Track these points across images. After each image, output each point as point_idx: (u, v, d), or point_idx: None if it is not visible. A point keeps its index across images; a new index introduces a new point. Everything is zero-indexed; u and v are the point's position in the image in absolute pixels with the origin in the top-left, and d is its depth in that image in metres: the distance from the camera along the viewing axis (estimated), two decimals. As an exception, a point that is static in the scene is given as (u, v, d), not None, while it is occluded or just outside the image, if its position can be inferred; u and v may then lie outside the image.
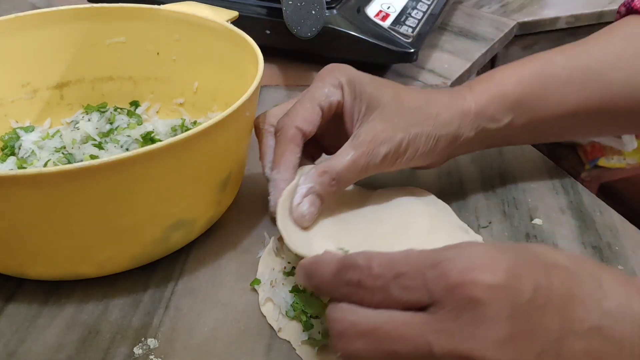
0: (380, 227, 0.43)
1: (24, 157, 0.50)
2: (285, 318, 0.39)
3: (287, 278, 0.41)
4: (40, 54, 0.53)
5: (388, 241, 0.42)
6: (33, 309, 0.40)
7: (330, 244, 0.41)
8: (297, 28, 0.57)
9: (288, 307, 0.39)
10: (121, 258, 0.41)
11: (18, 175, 0.34)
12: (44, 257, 0.40)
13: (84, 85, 0.56)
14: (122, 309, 0.40)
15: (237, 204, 0.49)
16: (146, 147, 0.36)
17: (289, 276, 0.41)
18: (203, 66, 0.53)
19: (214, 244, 0.45)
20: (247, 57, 0.47)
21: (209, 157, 0.40)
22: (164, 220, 0.40)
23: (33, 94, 0.54)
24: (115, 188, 0.37)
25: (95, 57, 0.55)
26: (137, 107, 0.57)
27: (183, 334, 0.38)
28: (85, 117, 0.55)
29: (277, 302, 0.40)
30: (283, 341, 0.38)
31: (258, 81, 0.43)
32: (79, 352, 0.37)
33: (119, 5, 0.54)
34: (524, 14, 0.85)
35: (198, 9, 0.53)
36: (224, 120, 0.39)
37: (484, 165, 0.54)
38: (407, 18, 0.70)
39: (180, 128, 0.53)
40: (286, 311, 0.39)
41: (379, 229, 0.43)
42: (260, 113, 0.46)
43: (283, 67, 0.70)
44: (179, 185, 0.40)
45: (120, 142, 0.52)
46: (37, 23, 0.52)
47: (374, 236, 0.43)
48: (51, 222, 0.37)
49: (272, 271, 0.42)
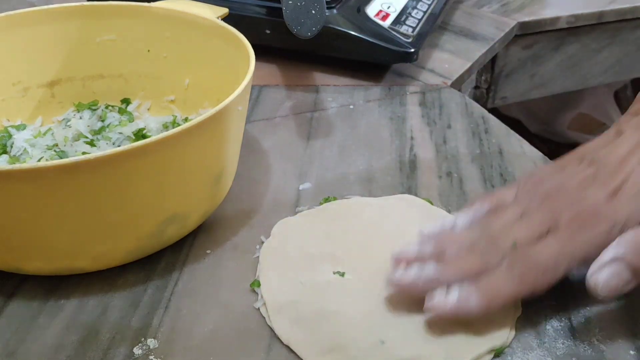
0: (376, 239, 0.44)
1: (16, 155, 0.50)
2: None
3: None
4: (31, 52, 0.53)
5: (385, 252, 0.42)
6: (32, 309, 0.40)
7: (326, 266, 0.41)
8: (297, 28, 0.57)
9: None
10: (116, 252, 0.41)
11: (13, 170, 0.34)
12: (39, 252, 0.40)
13: (74, 83, 0.56)
14: (122, 309, 0.40)
15: (235, 203, 0.49)
16: (140, 142, 0.36)
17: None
18: (194, 63, 0.54)
19: (213, 244, 0.45)
20: (238, 54, 0.47)
21: (202, 151, 0.41)
22: (158, 214, 0.40)
23: (24, 93, 0.54)
24: (109, 183, 0.37)
25: (85, 55, 0.55)
26: (129, 105, 0.57)
27: (183, 335, 0.38)
28: (77, 115, 0.55)
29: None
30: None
31: (250, 76, 0.43)
32: (79, 353, 0.37)
33: (109, 3, 0.54)
34: (524, 13, 0.85)
35: (188, 6, 0.53)
36: (216, 115, 0.39)
37: (484, 165, 0.54)
38: (408, 18, 0.70)
39: (171, 125, 0.54)
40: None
41: (375, 240, 0.44)
42: None
43: (283, 67, 0.70)
44: (173, 179, 0.40)
45: (112, 139, 0.52)
46: (27, 21, 0.52)
47: (371, 248, 0.43)
48: (46, 217, 0.37)
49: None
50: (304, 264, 0.42)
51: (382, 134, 0.58)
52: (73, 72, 0.56)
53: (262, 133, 0.58)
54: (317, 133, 0.58)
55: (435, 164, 0.54)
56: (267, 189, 0.51)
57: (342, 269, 0.41)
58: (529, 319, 0.39)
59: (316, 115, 0.61)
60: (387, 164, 0.54)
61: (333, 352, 0.37)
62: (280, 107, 0.62)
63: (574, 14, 0.86)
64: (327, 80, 0.67)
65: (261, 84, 0.66)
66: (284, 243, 0.44)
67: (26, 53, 0.53)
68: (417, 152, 0.56)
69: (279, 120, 0.60)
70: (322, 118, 0.61)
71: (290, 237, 0.45)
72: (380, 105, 0.63)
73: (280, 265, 0.42)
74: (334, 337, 0.37)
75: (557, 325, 0.39)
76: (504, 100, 0.90)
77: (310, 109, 0.62)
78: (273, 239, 0.45)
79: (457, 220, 0.41)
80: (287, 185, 0.51)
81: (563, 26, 0.86)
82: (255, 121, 0.60)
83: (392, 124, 0.60)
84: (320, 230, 0.45)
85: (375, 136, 0.58)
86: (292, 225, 0.46)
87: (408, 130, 0.59)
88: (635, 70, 0.98)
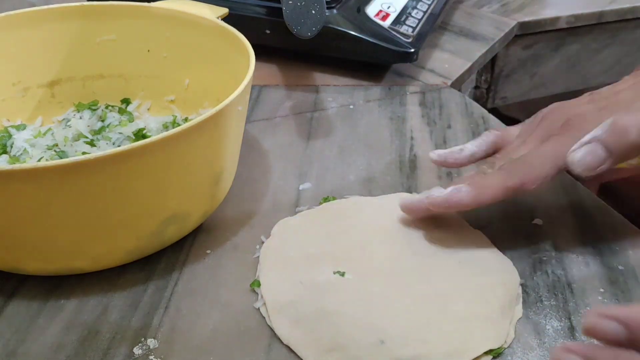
0: (376, 238, 0.44)
1: (16, 155, 0.50)
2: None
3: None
4: (31, 52, 0.53)
5: (385, 251, 0.43)
6: (32, 309, 0.40)
7: (326, 266, 0.41)
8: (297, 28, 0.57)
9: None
10: (116, 252, 0.41)
11: (13, 170, 0.35)
12: (39, 252, 0.40)
13: (75, 83, 0.56)
14: (122, 309, 0.40)
15: (235, 203, 0.49)
16: (140, 142, 0.36)
17: None
18: (194, 63, 0.54)
19: (213, 244, 0.45)
20: (238, 53, 0.47)
21: (202, 151, 0.41)
22: (158, 214, 0.40)
23: (24, 93, 0.54)
24: (109, 183, 0.37)
25: (86, 55, 0.55)
26: (129, 105, 0.57)
27: (183, 335, 0.38)
28: (77, 115, 0.55)
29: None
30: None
31: (250, 76, 0.43)
32: (79, 353, 0.37)
33: (110, 3, 0.54)
34: (524, 13, 0.85)
35: (188, 6, 0.53)
36: (216, 115, 0.39)
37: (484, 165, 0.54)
38: (408, 18, 0.70)
39: (171, 125, 0.54)
40: None
41: (375, 240, 0.44)
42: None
43: (283, 67, 0.70)
44: (173, 179, 0.40)
45: (112, 139, 0.52)
46: (27, 21, 0.52)
47: (371, 248, 0.43)
48: (46, 217, 0.37)
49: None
50: (304, 264, 0.42)
51: (382, 134, 0.58)
52: (73, 72, 0.56)
53: (262, 133, 0.58)
54: (317, 133, 0.58)
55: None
56: (267, 189, 0.51)
57: (342, 269, 0.41)
58: (529, 319, 0.39)
59: (316, 115, 0.61)
60: (387, 164, 0.54)
61: (333, 351, 0.37)
62: (280, 107, 0.62)
63: (574, 14, 0.86)
64: (327, 80, 0.67)
65: (261, 84, 0.66)
66: (284, 243, 0.44)
67: (26, 53, 0.53)
68: (417, 152, 0.56)
69: (279, 120, 0.60)
70: (322, 118, 0.61)
71: (290, 237, 0.45)
72: (380, 105, 0.63)
73: (281, 265, 0.42)
74: (334, 337, 0.37)
75: (557, 325, 0.39)
76: (504, 100, 0.90)
77: (310, 109, 0.62)
78: (273, 239, 0.45)
79: (466, 145, 0.48)
80: (287, 185, 0.51)
81: (563, 26, 0.86)
82: (255, 121, 0.60)
83: (392, 124, 0.60)
84: (320, 230, 0.45)
85: (375, 136, 0.58)
86: (292, 225, 0.46)
87: (408, 130, 0.59)
88: (635, 70, 0.98)
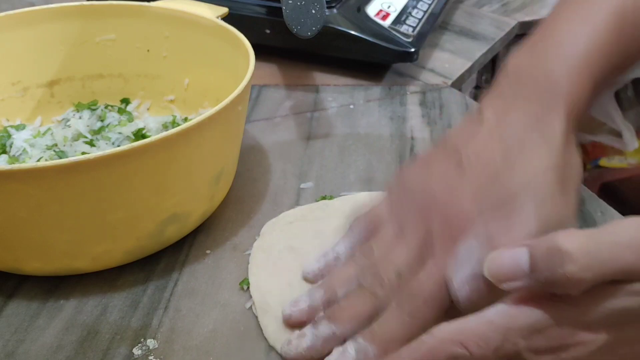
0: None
1: (15, 155, 0.50)
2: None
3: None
4: (31, 52, 0.53)
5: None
6: (32, 310, 0.40)
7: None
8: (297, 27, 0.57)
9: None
10: (116, 252, 0.41)
11: (13, 170, 0.35)
12: (38, 252, 0.40)
13: (74, 83, 0.56)
14: (122, 309, 0.40)
15: (234, 203, 0.48)
16: (139, 142, 0.36)
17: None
18: (193, 63, 0.54)
19: (213, 244, 0.45)
20: (238, 53, 0.47)
21: (202, 151, 0.41)
22: (158, 214, 0.40)
23: (23, 92, 0.54)
24: (109, 182, 0.37)
25: (85, 55, 0.55)
26: (128, 105, 0.57)
27: (182, 335, 0.38)
28: (76, 114, 0.55)
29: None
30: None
31: (250, 76, 0.43)
32: (78, 353, 0.37)
33: (109, 3, 0.54)
34: (525, 13, 0.85)
35: (188, 6, 0.53)
36: (216, 115, 0.39)
37: (484, 165, 0.54)
38: (408, 17, 0.70)
39: (171, 125, 0.54)
40: None
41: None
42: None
43: (283, 66, 0.70)
44: (173, 179, 0.40)
45: (112, 139, 0.52)
46: (27, 21, 0.52)
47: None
48: (46, 217, 0.37)
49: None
50: (293, 264, 0.42)
51: (382, 134, 0.58)
52: (72, 72, 0.56)
53: (262, 133, 0.58)
54: (317, 133, 0.58)
55: (436, 163, 0.54)
56: (267, 189, 0.51)
57: None
58: (530, 319, 0.39)
59: (316, 115, 0.61)
60: (387, 164, 0.54)
61: None
62: (280, 107, 0.62)
63: (575, 13, 0.86)
64: (327, 80, 0.67)
65: (261, 83, 0.66)
66: (273, 242, 0.44)
67: (25, 53, 0.53)
68: (418, 152, 0.56)
69: (279, 120, 0.60)
70: (322, 118, 0.61)
71: (280, 236, 0.45)
72: (380, 105, 0.63)
73: (269, 264, 0.42)
74: None
75: (558, 325, 0.39)
76: (504, 100, 0.89)
77: (310, 108, 0.62)
78: (262, 239, 0.45)
79: (338, 247, 0.41)
80: (287, 185, 0.51)
81: (563, 26, 0.86)
82: (255, 121, 0.60)
83: (392, 123, 0.60)
84: (310, 229, 0.45)
85: (375, 136, 0.58)
86: (281, 224, 0.46)
87: (408, 130, 0.59)
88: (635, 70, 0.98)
